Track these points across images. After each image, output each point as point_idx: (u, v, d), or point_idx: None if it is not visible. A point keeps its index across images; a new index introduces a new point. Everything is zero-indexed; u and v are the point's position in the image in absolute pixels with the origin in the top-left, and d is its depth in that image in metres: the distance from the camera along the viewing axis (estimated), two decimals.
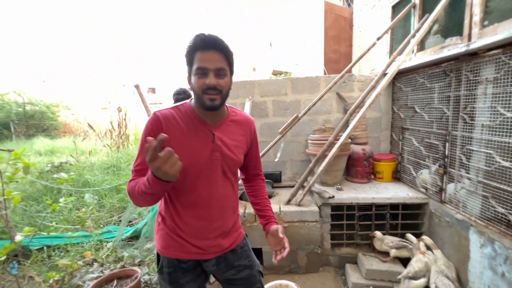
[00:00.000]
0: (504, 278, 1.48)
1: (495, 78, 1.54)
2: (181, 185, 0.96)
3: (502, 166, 1.51)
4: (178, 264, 1.02)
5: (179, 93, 2.38)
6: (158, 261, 1.05)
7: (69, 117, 13.46)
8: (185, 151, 0.91)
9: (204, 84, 0.88)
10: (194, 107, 0.99)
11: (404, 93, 2.53)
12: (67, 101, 14.00)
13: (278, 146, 2.51)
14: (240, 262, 1.11)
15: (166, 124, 0.93)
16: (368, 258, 2.18)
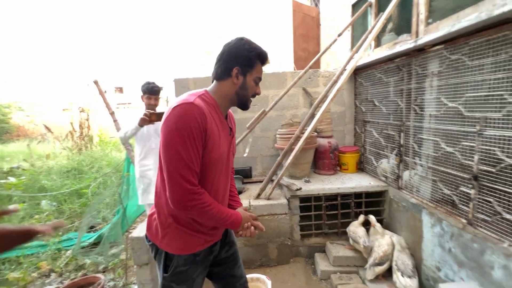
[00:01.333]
0: (450, 253, 1.62)
1: (439, 71, 1.68)
2: (210, 179, 0.98)
3: (446, 151, 1.65)
4: (194, 259, 1.03)
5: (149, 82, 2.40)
6: (166, 263, 1.01)
7: (24, 119, 12.28)
8: (219, 145, 0.96)
9: (255, 92, 1.03)
10: (220, 101, 1.00)
11: (364, 88, 2.67)
12: (22, 102, 12.75)
13: (247, 142, 2.51)
14: (229, 238, 1.21)
15: (208, 117, 0.91)
16: (335, 246, 2.28)
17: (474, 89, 1.44)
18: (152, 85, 2.44)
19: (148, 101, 2.42)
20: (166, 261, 1.01)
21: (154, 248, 1.03)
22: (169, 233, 0.99)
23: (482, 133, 1.40)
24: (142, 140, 2.45)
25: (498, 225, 1.35)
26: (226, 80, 0.98)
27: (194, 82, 2.79)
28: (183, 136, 0.86)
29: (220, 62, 0.98)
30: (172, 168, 0.87)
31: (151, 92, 2.42)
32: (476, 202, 1.47)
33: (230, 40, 1.00)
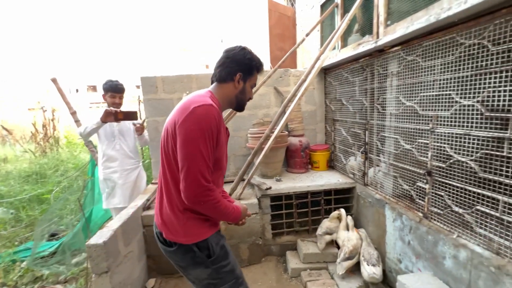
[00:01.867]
0: (410, 245, 1.70)
1: (397, 71, 1.75)
2: (220, 174, 1.13)
3: (405, 149, 1.72)
4: (217, 235, 1.12)
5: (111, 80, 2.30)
6: (203, 252, 1.06)
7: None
8: (223, 144, 1.07)
9: (250, 96, 1.18)
10: (222, 102, 1.11)
11: (333, 87, 2.73)
12: None
13: None
14: None
15: (221, 118, 1.04)
16: (306, 243, 2.31)
17: (427, 89, 1.51)
18: (116, 82, 2.32)
19: (112, 100, 2.30)
20: (202, 250, 1.05)
21: (181, 249, 1.05)
22: (191, 225, 1.04)
23: (434, 130, 1.47)
24: (106, 140, 2.32)
25: (449, 218, 1.42)
26: (228, 83, 1.09)
27: (162, 80, 2.69)
28: (204, 135, 0.95)
29: (223, 66, 1.08)
30: (192, 164, 0.94)
31: (115, 90, 2.30)
32: (430, 197, 1.55)
33: (233, 47, 1.12)
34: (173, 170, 1.02)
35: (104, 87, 2.30)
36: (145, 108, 2.72)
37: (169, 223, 1.05)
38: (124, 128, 2.37)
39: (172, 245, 1.06)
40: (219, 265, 1.08)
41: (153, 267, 2.19)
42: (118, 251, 1.69)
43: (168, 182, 1.05)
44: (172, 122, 0.99)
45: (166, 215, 1.06)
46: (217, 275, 1.09)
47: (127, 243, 1.82)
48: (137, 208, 2.06)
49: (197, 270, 1.08)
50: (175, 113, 1.02)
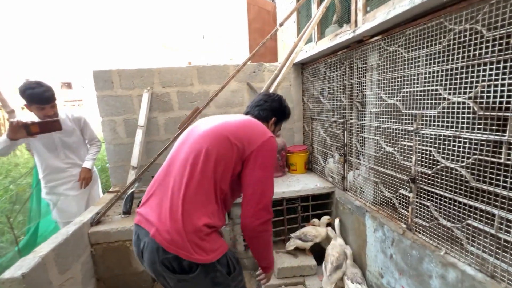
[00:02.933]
0: (392, 259, 1.52)
1: (378, 65, 1.56)
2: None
3: (386, 151, 1.54)
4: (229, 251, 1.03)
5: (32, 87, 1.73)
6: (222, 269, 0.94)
7: None
8: None
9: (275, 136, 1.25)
10: None
11: (311, 84, 2.52)
12: None
13: None
14: None
15: None
16: (281, 256, 2.09)
17: (411, 84, 1.32)
18: (40, 90, 1.72)
19: (43, 113, 1.79)
20: (222, 267, 0.94)
21: (203, 270, 0.90)
22: (212, 239, 0.93)
23: (419, 131, 1.29)
24: (46, 150, 1.95)
25: (435, 231, 1.25)
26: (263, 123, 1.19)
27: (118, 74, 2.36)
28: (275, 164, 0.97)
29: (263, 107, 1.23)
30: (266, 189, 0.97)
31: (41, 101, 1.74)
32: (415, 206, 1.37)
33: (273, 94, 1.31)
34: (219, 182, 0.96)
35: (25, 97, 1.73)
36: (99, 107, 2.38)
37: (193, 240, 0.88)
38: (66, 133, 2.00)
39: (193, 268, 0.89)
40: (238, 281, 1.01)
41: None
42: (48, 281, 1.37)
43: (203, 194, 0.94)
44: (245, 138, 0.99)
45: (192, 231, 0.88)
46: None
47: (64, 269, 1.51)
48: (82, 224, 1.74)
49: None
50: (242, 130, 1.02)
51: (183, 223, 0.87)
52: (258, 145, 0.98)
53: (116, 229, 1.81)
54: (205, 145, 0.96)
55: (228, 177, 0.98)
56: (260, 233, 0.97)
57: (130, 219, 1.93)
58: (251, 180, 0.96)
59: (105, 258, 1.83)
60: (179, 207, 0.89)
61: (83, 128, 2.09)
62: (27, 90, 1.71)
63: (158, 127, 2.50)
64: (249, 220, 0.95)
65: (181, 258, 0.86)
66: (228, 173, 0.97)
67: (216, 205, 0.97)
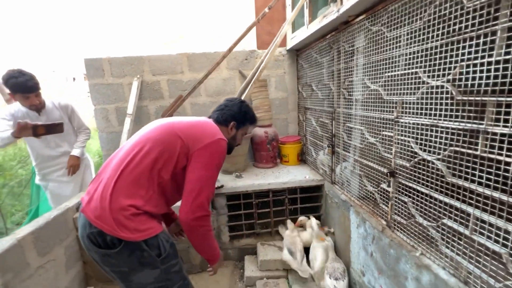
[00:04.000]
0: (372, 258, 1.43)
1: (364, 47, 1.42)
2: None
3: (369, 142, 1.42)
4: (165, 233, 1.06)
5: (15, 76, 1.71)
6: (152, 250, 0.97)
7: None
8: None
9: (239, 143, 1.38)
10: None
11: (304, 71, 2.39)
12: None
13: None
14: None
15: None
16: (265, 248, 2.05)
17: (393, 67, 1.19)
18: (23, 79, 1.71)
19: (28, 102, 1.80)
20: (151, 248, 0.97)
21: (127, 248, 0.93)
22: (140, 220, 0.95)
23: (399, 120, 1.16)
24: (36, 140, 1.98)
25: (413, 230, 1.14)
26: (222, 127, 1.23)
27: (109, 62, 2.37)
28: (220, 165, 1.08)
29: (221, 112, 1.26)
30: (205, 188, 1.00)
31: (25, 91, 1.75)
32: (394, 202, 1.26)
33: (233, 99, 1.34)
34: (159, 171, 0.99)
35: (9, 86, 1.72)
36: (92, 95, 2.40)
37: (117, 217, 0.91)
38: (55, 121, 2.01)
39: (116, 244, 0.92)
40: (169, 265, 1.02)
41: (91, 274, 1.95)
42: (25, 263, 1.42)
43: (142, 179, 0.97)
44: (192, 137, 1.03)
45: (117, 209, 0.92)
46: (165, 276, 1.01)
47: (45, 252, 1.56)
48: (65, 209, 1.78)
49: (142, 273, 0.98)
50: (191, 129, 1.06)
51: (110, 201, 0.92)
52: (204, 144, 1.02)
53: None
54: (153, 137, 1.03)
55: (170, 168, 1.01)
56: (194, 227, 1.00)
57: None
58: (192, 177, 1.00)
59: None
60: (110, 187, 0.94)
61: (71, 115, 2.11)
62: (10, 80, 1.70)
63: (149, 116, 2.50)
64: (184, 214, 0.98)
65: (105, 233, 0.91)
66: (171, 164, 1.01)
67: (152, 191, 1.00)
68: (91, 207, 0.95)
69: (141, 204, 0.96)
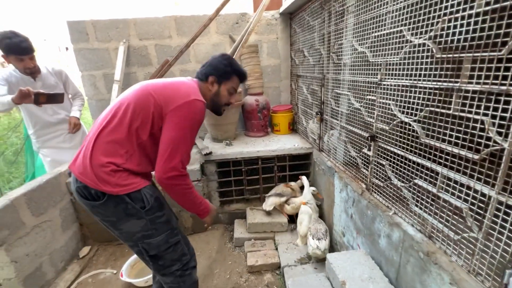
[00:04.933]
0: (352, 219, 1.49)
1: (354, 6, 1.35)
2: None
3: (355, 108, 1.41)
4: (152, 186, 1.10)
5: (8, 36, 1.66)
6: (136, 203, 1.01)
7: None
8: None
9: (228, 101, 1.25)
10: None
11: (297, 36, 2.29)
12: None
13: None
14: None
15: None
16: (254, 212, 2.13)
17: (380, 27, 1.14)
18: (17, 40, 1.66)
19: (22, 65, 1.77)
20: (135, 201, 1.00)
21: (111, 200, 0.99)
22: (117, 176, 0.98)
23: (381, 83, 1.14)
24: (33, 107, 1.94)
25: (388, 191, 1.18)
26: (204, 83, 1.19)
27: (93, 25, 2.26)
28: (194, 127, 1.04)
29: (202, 68, 1.20)
30: (178, 149, 0.99)
31: (19, 52, 1.71)
32: (373, 166, 1.28)
33: (217, 54, 1.22)
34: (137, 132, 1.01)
35: (2, 47, 1.67)
36: (77, 61, 2.33)
37: (98, 173, 0.98)
38: (51, 87, 1.97)
39: (100, 197, 0.99)
40: (154, 216, 1.05)
41: (88, 235, 2.05)
42: (20, 221, 1.49)
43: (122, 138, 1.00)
44: (164, 97, 1.01)
45: (98, 165, 0.98)
46: (151, 226, 1.06)
47: (39, 212, 1.63)
48: (58, 174, 1.83)
49: (129, 223, 1.04)
50: (164, 90, 1.03)
51: (91, 158, 0.99)
52: (177, 105, 1.00)
53: None
54: (129, 98, 1.04)
55: (147, 128, 1.02)
56: (169, 186, 1.01)
57: None
58: (165, 138, 1.00)
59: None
60: (91, 146, 1.00)
61: (65, 81, 2.07)
62: (3, 40, 1.64)
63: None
64: (157, 174, 0.99)
65: (89, 187, 0.98)
66: (147, 125, 1.01)
67: (132, 151, 1.02)
68: (76, 165, 1.03)
69: (120, 162, 0.99)
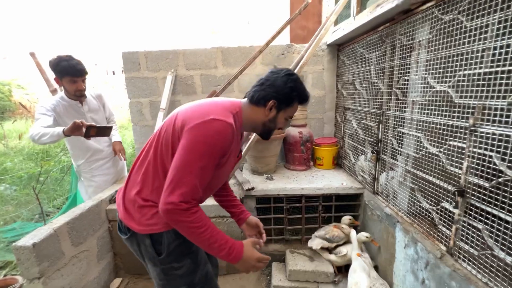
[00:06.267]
0: (424, 285, 1.23)
1: (428, 40, 1.21)
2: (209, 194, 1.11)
3: (429, 152, 1.21)
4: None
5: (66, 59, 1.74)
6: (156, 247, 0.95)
7: (24, 97, 12.21)
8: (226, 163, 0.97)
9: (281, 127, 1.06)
10: (245, 123, 0.99)
11: (346, 67, 2.19)
12: (20, 79, 12.61)
13: None
14: None
15: (234, 139, 0.91)
16: (295, 256, 1.92)
17: (471, 64, 0.98)
18: (74, 63, 1.76)
19: (74, 86, 1.80)
20: (154, 245, 0.94)
21: (134, 238, 0.96)
22: (143, 213, 0.93)
23: (477, 129, 0.95)
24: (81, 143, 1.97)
25: (487, 264, 0.93)
26: (259, 107, 0.96)
27: (145, 56, 2.37)
28: (210, 152, 0.84)
29: (260, 88, 0.96)
30: (182, 177, 0.82)
31: (74, 74, 1.77)
32: (460, 226, 1.05)
33: (279, 70, 0.99)
34: (162, 159, 0.92)
35: (58, 69, 1.74)
36: (127, 88, 2.44)
37: (127, 207, 0.97)
38: (95, 111, 2.01)
39: (127, 232, 0.97)
40: (169, 266, 0.96)
41: (121, 265, 1.98)
42: (60, 252, 1.45)
43: (149, 168, 0.94)
44: (184, 118, 0.88)
45: (128, 200, 0.97)
46: (165, 276, 0.98)
47: (78, 242, 1.59)
48: (99, 201, 1.81)
49: (148, 266, 1.00)
50: (188, 110, 0.91)
51: (125, 191, 0.99)
52: (191, 125, 0.84)
53: None
54: (161, 129, 0.97)
55: (169, 155, 0.91)
56: (170, 221, 0.84)
57: None
58: (173, 164, 0.85)
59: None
60: (127, 178, 1.01)
61: (104, 104, 2.11)
62: (61, 62, 1.72)
63: None
64: (160, 206, 0.83)
65: (121, 219, 0.98)
66: (169, 151, 0.91)
67: (158, 181, 0.93)
68: (119, 196, 1.04)
69: (147, 196, 0.94)
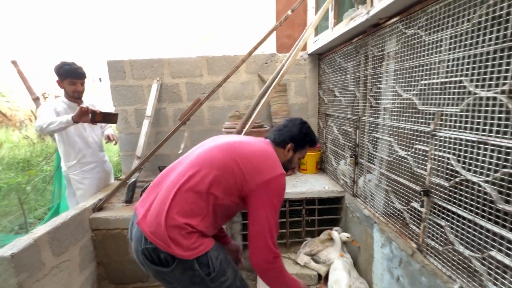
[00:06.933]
0: (399, 282, 1.30)
1: (395, 52, 1.31)
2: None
3: (399, 155, 1.30)
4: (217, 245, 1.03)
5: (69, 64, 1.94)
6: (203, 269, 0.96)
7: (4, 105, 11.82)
8: None
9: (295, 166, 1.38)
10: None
11: (327, 76, 2.29)
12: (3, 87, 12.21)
13: (182, 136, 2.14)
14: None
15: None
16: None
17: (431, 75, 1.07)
18: (75, 66, 1.95)
19: (74, 88, 1.96)
20: (201, 267, 0.96)
21: (180, 266, 0.95)
22: (190, 238, 0.95)
23: (436, 133, 1.04)
24: (76, 134, 2.01)
25: (450, 258, 1.01)
26: (280, 148, 1.18)
27: (130, 64, 2.39)
28: (280, 204, 1.01)
29: (280, 132, 1.19)
30: (270, 228, 0.96)
31: (75, 76, 1.94)
32: (427, 224, 1.13)
33: (295, 119, 1.25)
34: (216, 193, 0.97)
35: (60, 72, 1.93)
36: (112, 96, 2.44)
37: (172, 234, 0.92)
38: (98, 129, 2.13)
39: (169, 262, 0.94)
40: (219, 282, 1.01)
41: (104, 275, 1.95)
42: (40, 262, 1.43)
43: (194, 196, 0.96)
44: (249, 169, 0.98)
45: (171, 227, 0.92)
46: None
47: (60, 251, 1.57)
48: (83, 210, 1.80)
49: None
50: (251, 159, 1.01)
51: (166, 217, 0.92)
52: (265, 180, 0.97)
53: (114, 216, 1.84)
54: (211, 159, 1.01)
55: (224, 194, 0.99)
56: (268, 271, 0.98)
57: (130, 208, 1.95)
58: (256, 219, 0.96)
59: (104, 244, 1.88)
60: (167, 204, 0.94)
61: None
62: (64, 66, 1.90)
63: (167, 118, 2.50)
64: (255, 259, 0.97)
65: (159, 249, 0.91)
66: (225, 190, 0.98)
67: (206, 212, 0.98)
68: (147, 221, 0.96)
69: (195, 224, 0.95)
